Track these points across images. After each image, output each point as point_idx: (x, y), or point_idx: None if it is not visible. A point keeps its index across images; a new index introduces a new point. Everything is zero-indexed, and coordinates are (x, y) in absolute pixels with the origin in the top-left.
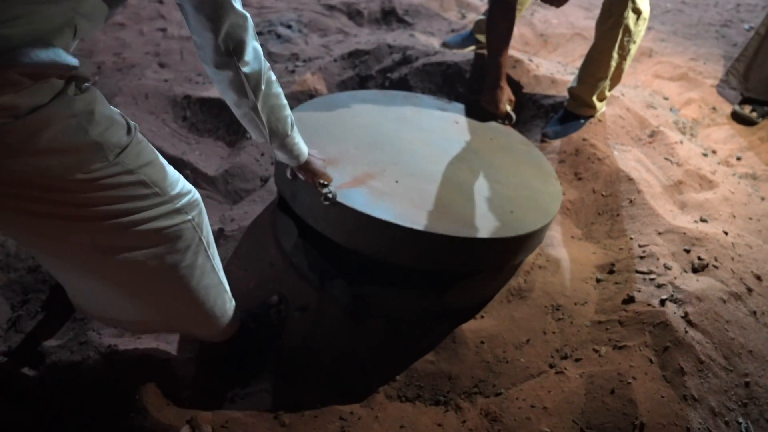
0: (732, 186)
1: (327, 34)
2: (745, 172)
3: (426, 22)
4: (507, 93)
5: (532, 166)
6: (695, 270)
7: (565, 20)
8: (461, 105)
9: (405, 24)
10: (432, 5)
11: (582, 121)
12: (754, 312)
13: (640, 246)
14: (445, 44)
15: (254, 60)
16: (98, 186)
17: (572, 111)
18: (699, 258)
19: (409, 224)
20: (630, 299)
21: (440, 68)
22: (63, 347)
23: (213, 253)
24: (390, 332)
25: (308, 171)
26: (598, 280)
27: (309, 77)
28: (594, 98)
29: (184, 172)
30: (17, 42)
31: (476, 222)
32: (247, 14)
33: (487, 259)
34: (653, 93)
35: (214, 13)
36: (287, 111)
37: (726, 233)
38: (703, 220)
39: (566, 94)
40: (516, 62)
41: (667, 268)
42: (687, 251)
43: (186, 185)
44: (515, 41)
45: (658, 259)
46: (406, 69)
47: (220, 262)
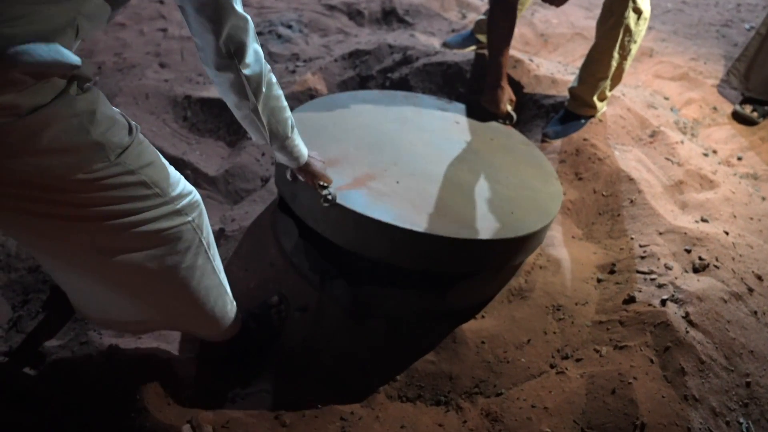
0: (733, 186)
1: (327, 34)
2: (746, 172)
3: (426, 22)
4: (508, 93)
5: (533, 167)
6: (696, 270)
7: (566, 20)
8: (462, 105)
9: (405, 24)
10: (432, 5)
11: (583, 121)
12: (755, 312)
13: (641, 246)
14: (446, 44)
15: (255, 62)
16: (99, 186)
17: (573, 111)
18: (700, 258)
19: (409, 225)
20: (631, 299)
21: (441, 68)
22: (64, 347)
23: (213, 255)
24: (390, 332)
25: (308, 173)
26: (599, 280)
27: (309, 77)
28: (595, 98)
29: (185, 172)
30: (19, 42)
31: (476, 223)
32: (248, 16)
33: (488, 260)
34: (654, 93)
35: (216, 16)
36: (287, 113)
37: (727, 233)
38: (704, 220)
39: (567, 94)
40: (516, 62)
41: (668, 268)
42: (688, 251)
43: (187, 186)
44: (516, 41)
45: (659, 259)
46: (407, 69)
47: (221, 264)
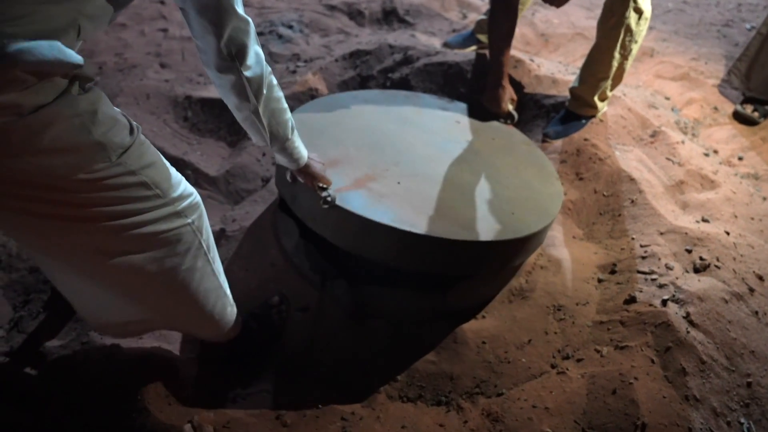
0: (734, 186)
1: (328, 35)
2: (747, 172)
3: (427, 22)
4: (509, 92)
5: (534, 167)
6: (697, 270)
7: (567, 20)
8: (463, 104)
9: (406, 24)
10: (433, 5)
11: (583, 121)
12: (756, 312)
13: (642, 246)
14: (447, 44)
15: (256, 64)
16: (100, 186)
17: (574, 111)
18: (701, 258)
19: (408, 227)
20: (632, 299)
21: (441, 68)
22: (65, 347)
23: (213, 257)
24: (391, 332)
25: (308, 174)
26: (600, 281)
27: (310, 77)
28: (595, 98)
29: (186, 173)
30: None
31: (476, 224)
32: (249, 19)
33: (488, 262)
34: (655, 93)
35: (217, 18)
36: (288, 115)
37: (728, 233)
38: (705, 220)
39: (567, 94)
40: (517, 62)
41: (669, 269)
42: (689, 251)
43: (187, 188)
44: (516, 41)
45: (660, 259)
46: (408, 69)
47: (221, 266)
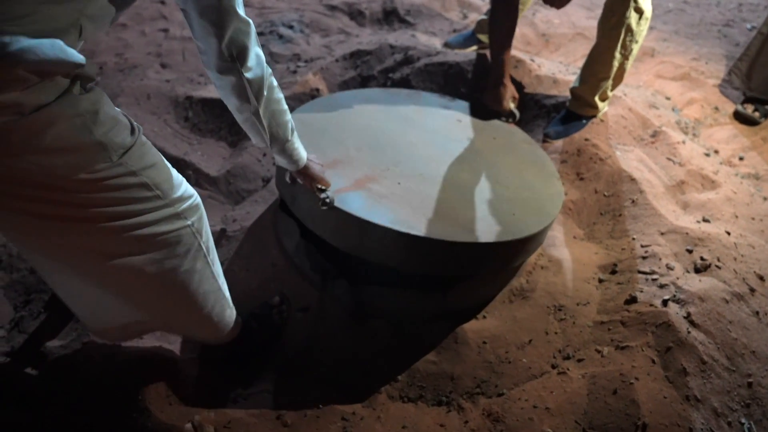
0: (734, 186)
1: (329, 35)
2: (748, 172)
3: (428, 22)
4: (510, 90)
5: (535, 166)
6: (698, 270)
7: (567, 20)
8: (465, 103)
9: (407, 24)
10: (434, 5)
11: (584, 121)
12: (757, 312)
13: (643, 246)
14: (447, 44)
15: (257, 66)
16: (101, 187)
17: (574, 111)
18: (701, 258)
19: (406, 229)
20: (632, 299)
21: (442, 68)
22: (65, 347)
23: (213, 259)
24: (392, 332)
25: (307, 176)
26: (601, 281)
27: (311, 77)
28: (596, 98)
29: (186, 173)
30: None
31: (476, 225)
32: (250, 20)
33: (487, 263)
34: (655, 93)
35: (219, 19)
36: (288, 116)
37: (728, 233)
38: (706, 221)
39: (568, 94)
40: (518, 62)
41: (670, 269)
42: (689, 251)
43: (188, 189)
44: (517, 41)
45: (661, 260)
46: (408, 69)
47: (221, 268)
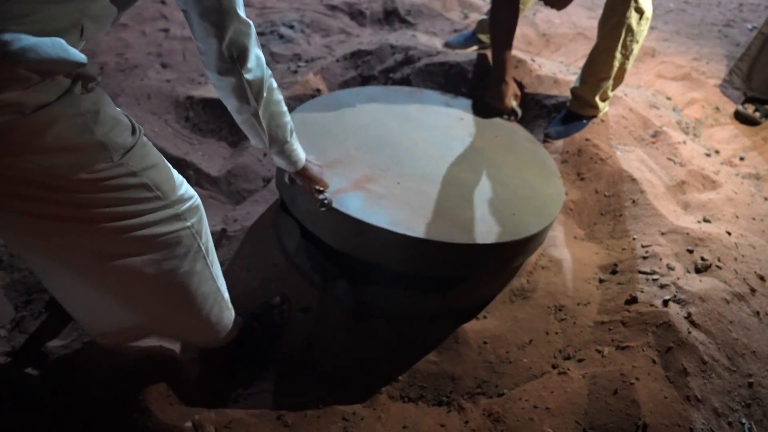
0: (735, 186)
1: (329, 35)
2: (749, 172)
3: (428, 22)
4: (512, 88)
5: (536, 165)
6: (698, 270)
7: (568, 20)
8: (467, 100)
9: (407, 24)
10: (434, 5)
11: (585, 122)
12: (758, 312)
13: (643, 246)
14: (448, 44)
15: (257, 67)
16: (101, 187)
17: (575, 111)
18: (702, 258)
19: (404, 231)
20: (633, 300)
21: (443, 68)
22: (66, 347)
23: (212, 260)
24: (392, 333)
25: (305, 177)
26: (601, 281)
27: (311, 78)
28: (597, 98)
29: (187, 173)
30: (23, 39)
31: (475, 226)
32: (251, 22)
33: (486, 264)
34: (656, 93)
35: (219, 21)
36: (287, 118)
37: (729, 233)
38: (706, 221)
39: (569, 94)
40: (519, 62)
41: (670, 269)
42: (690, 251)
43: (188, 191)
44: (518, 41)
45: (661, 260)
46: (409, 69)
47: (220, 270)
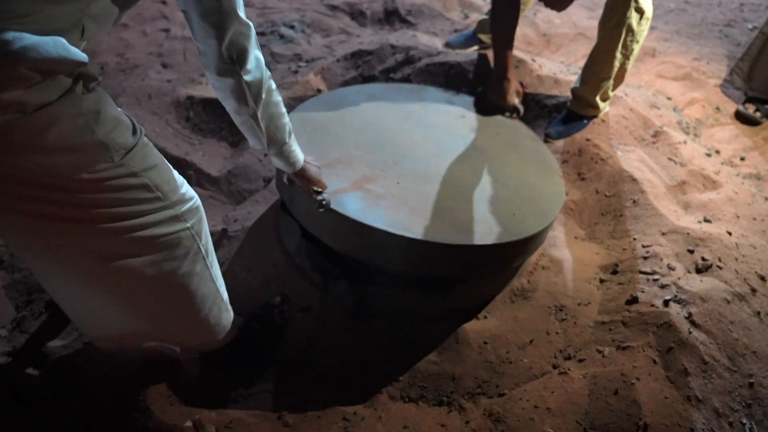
0: (736, 186)
1: (330, 35)
2: (749, 173)
3: (429, 23)
4: (514, 85)
5: (537, 164)
6: (699, 270)
7: (568, 20)
8: (469, 98)
9: (408, 24)
10: (435, 5)
11: (585, 122)
12: (758, 312)
13: (644, 246)
14: (448, 44)
15: (256, 68)
16: (102, 187)
17: (575, 111)
18: (703, 258)
19: (402, 232)
20: (633, 300)
21: (443, 68)
22: (67, 347)
23: (211, 262)
24: (393, 333)
25: (303, 178)
26: (602, 281)
27: (312, 78)
28: (597, 98)
29: (188, 173)
30: (25, 39)
31: (474, 227)
32: (251, 23)
33: (485, 264)
34: (656, 93)
35: (219, 22)
36: (286, 119)
37: (730, 233)
38: (707, 221)
39: (569, 94)
40: (519, 62)
41: (671, 269)
42: (691, 252)
43: (189, 192)
44: (518, 41)
45: (662, 260)
46: (409, 69)
47: (219, 271)
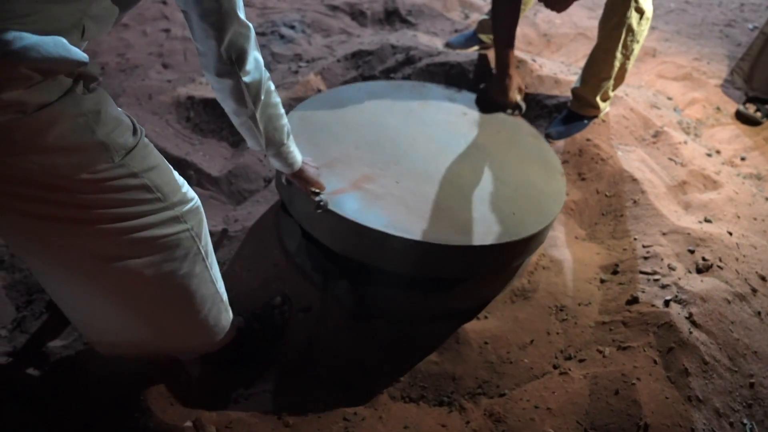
0: (736, 186)
1: (330, 35)
2: (750, 173)
3: (429, 23)
4: (516, 81)
5: (539, 162)
6: (699, 270)
7: (569, 20)
8: (471, 95)
9: (408, 24)
10: (435, 5)
11: (585, 122)
12: (759, 312)
13: (644, 246)
14: (449, 44)
15: (255, 70)
16: (102, 188)
17: (576, 111)
18: (703, 258)
19: (400, 233)
20: (634, 300)
21: (443, 68)
22: (67, 347)
23: (211, 263)
24: (393, 333)
25: (301, 179)
26: (602, 281)
27: (312, 78)
28: (597, 98)
29: (188, 173)
30: (25, 38)
31: (473, 227)
32: (250, 24)
33: (484, 265)
34: (657, 93)
35: (219, 23)
36: (284, 120)
37: (730, 234)
38: (708, 221)
39: (570, 95)
40: (519, 62)
41: (672, 269)
42: (691, 252)
43: (189, 193)
44: (518, 41)
45: (662, 260)
46: (410, 69)
47: (219, 272)
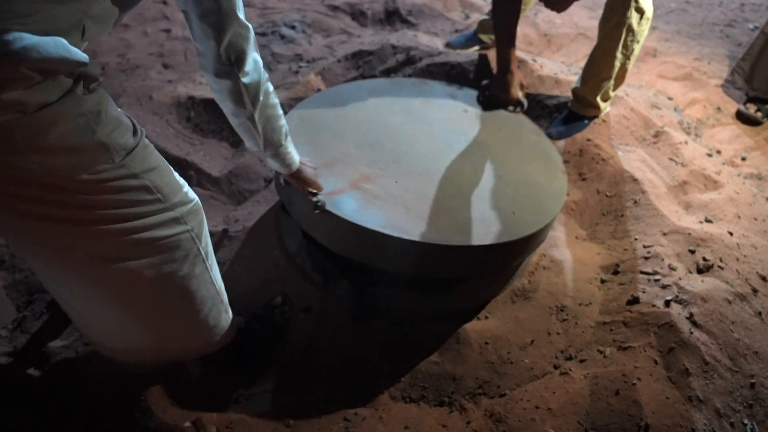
0: (737, 186)
1: (330, 35)
2: (750, 173)
3: (429, 23)
4: (518, 78)
5: (540, 160)
6: (700, 271)
7: (569, 20)
8: (472, 91)
9: (408, 24)
10: (435, 5)
11: (586, 122)
12: (760, 313)
13: (645, 246)
14: (449, 44)
15: (254, 71)
16: (102, 188)
17: (576, 111)
18: (704, 259)
19: (397, 233)
20: (634, 300)
21: (444, 69)
22: (68, 348)
23: (211, 264)
24: (394, 333)
25: (299, 180)
26: (603, 281)
27: (312, 78)
28: (598, 98)
29: (188, 173)
30: (25, 39)
31: (472, 226)
32: (250, 25)
33: (483, 265)
34: (657, 93)
35: (218, 23)
36: (282, 121)
37: (731, 234)
38: (708, 221)
39: (570, 95)
40: (520, 62)
41: (672, 269)
42: (692, 252)
43: (189, 194)
44: (519, 41)
45: (663, 260)
46: (410, 69)
47: (219, 273)
